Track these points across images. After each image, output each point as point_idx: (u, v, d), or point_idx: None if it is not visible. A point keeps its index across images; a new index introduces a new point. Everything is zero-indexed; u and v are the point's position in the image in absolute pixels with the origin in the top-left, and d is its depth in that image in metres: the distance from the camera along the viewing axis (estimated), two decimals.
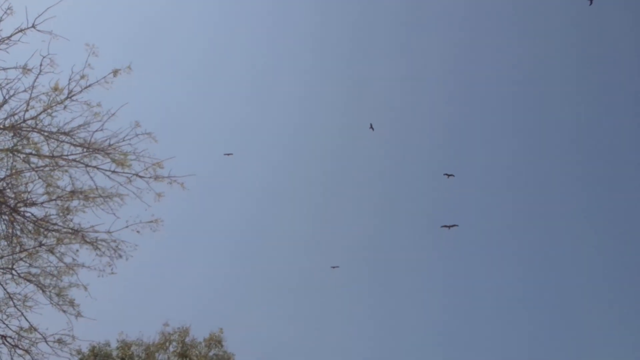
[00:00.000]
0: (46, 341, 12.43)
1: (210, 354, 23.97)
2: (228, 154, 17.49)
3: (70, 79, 11.84)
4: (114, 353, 22.30)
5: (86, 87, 12.16)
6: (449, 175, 20.16)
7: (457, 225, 18.96)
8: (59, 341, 12.45)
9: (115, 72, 12.31)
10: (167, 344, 23.36)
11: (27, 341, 12.53)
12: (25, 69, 11.50)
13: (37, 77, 11.59)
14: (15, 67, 11.52)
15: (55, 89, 11.65)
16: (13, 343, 12.46)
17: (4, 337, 12.46)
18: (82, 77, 11.94)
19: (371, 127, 22.29)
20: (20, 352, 12.47)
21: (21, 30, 11.47)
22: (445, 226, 18.97)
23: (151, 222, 12.95)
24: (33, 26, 11.42)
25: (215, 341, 24.25)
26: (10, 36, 11.54)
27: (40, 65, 11.57)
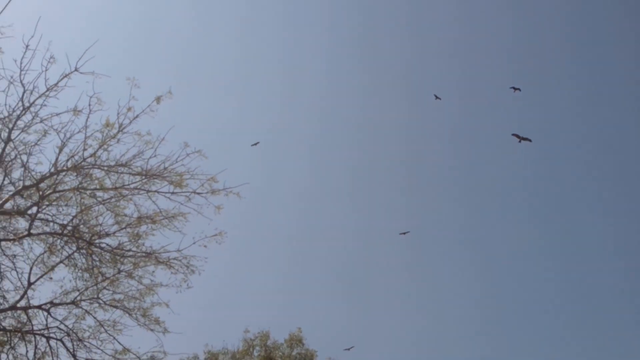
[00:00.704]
0: None
1: (294, 353, 24.56)
2: (255, 144, 17.50)
3: (118, 114, 12.58)
4: None
5: (134, 119, 12.86)
6: (515, 89, 18.36)
7: (530, 140, 16.58)
8: (152, 358, 13.18)
9: (157, 100, 12.93)
10: (251, 349, 24.15)
11: None
12: (76, 111, 12.28)
13: (88, 117, 12.37)
14: (67, 111, 12.33)
15: (107, 125, 12.37)
16: None
17: None
18: (129, 109, 12.63)
19: (436, 97, 21.11)
20: None
21: (66, 76, 12.25)
22: (516, 135, 16.86)
23: (215, 235, 13.47)
24: (76, 69, 12.16)
25: (295, 340, 24.83)
26: (57, 83, 12.34)
27: (89, 105, 12.34)
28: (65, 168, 12.38)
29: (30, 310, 13.26)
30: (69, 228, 12.54)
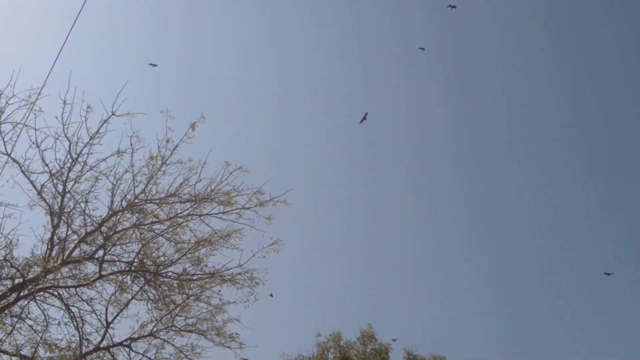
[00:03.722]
0: None
1: (368, 350, 24.67)
2: (153, 65, 16.31)
3: (159, 147, 13.07)
4: None
5: (174, 149, 13.33)
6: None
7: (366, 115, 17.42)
8: None
9: (192, 126, 13.37)
10: (325, 352, 24.42)
11: None
12: (120, 153, 12.83)
13: (132, 156, 12.91)
14: (112, 154, 12.91)
15: (151, 157, 12.89)
16: None
17: None
18: (167, 141, 13.11)
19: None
20: None
21: (105, 122, 12.81)
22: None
23: (272, 244, 13.79)
24: (113, 114, 12.72)
25: (368, 337, 24.95)
26: (98, 130, 12.93)
27: (131, 144, 12.87)
28: (120, 208, 12.95)
29: (113, 349, 13.89)
30: (135, 264, 13.10)
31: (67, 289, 13.24)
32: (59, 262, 12.51)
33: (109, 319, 13.78)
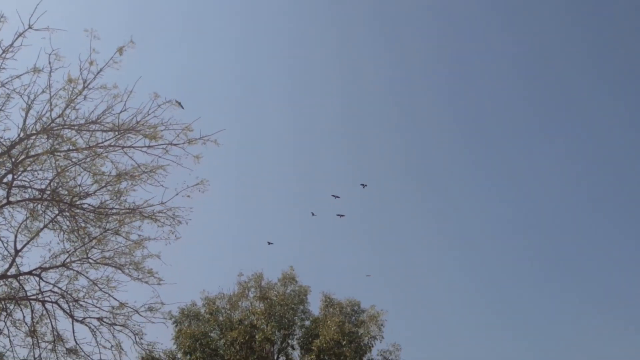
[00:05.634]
0: (138, 312, 13.44)
1: (288, 291, 25.22)
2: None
3: (80, 69, 11.97)
4: (202, 310, 23.85)
5: (98, 73, 12.26)
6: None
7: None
8: (150, 309, 13.44)
9: (120, 50, 12.27)
10: (246, 291, 24.74)
11: (121, 317, 13.60)
12: (36, 70, 11.68)
13: (50, 76, 11.79)
14: (27, 72, 11.73)
15: (70, 80, 11.82)
16: (110, 322, 13.55)
17: (100, 319, 13.55)
18: (91, 63, 11.99)
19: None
20: (118, 328, 13.57)
21: (20, 35, 11.55)
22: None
23: (197, 184, 13.31)
24: (29, 27, 11.47)
25: (289, 279, 25.44)
26: (12, 43, 11.67)
27: (49, 63, 11.72)
28: (34, 131, 11.97)
29: (21, 277, 13.30)
30: (48, 192, 12.33)
31: None
32: None
33: (18, 247, 13.14)
